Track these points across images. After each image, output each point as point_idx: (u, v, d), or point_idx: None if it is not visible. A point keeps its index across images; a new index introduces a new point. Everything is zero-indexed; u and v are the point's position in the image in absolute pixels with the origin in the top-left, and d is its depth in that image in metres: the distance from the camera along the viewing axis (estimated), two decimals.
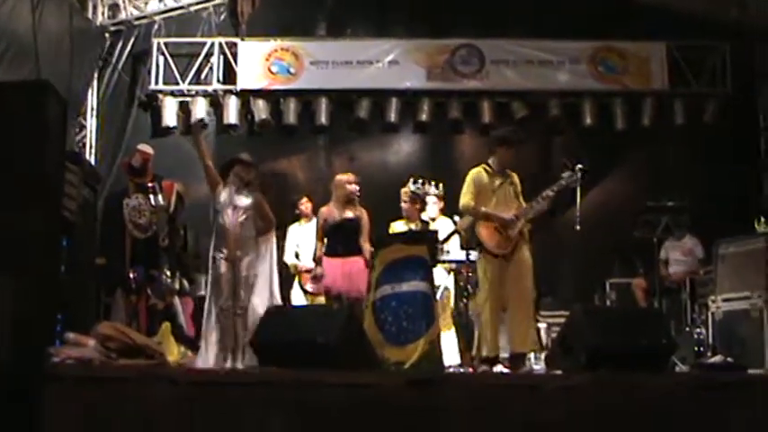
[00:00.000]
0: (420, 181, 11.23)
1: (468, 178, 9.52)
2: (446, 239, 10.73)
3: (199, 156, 10.09)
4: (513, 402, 5.81)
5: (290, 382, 5.81)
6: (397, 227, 11.04)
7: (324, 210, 10.57)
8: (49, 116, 6.87)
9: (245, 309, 9.27)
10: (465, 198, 9.47)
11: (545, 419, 5.72)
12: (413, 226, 10.91)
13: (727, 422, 5.77)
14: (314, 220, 11.67)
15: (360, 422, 5.70)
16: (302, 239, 12.35)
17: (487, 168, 9.53)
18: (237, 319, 9.22)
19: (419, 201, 11.14)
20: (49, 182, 6.97)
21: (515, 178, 9.64)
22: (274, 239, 10.16)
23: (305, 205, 12.54)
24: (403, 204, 11.13)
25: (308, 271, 11.83)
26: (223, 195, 9.67)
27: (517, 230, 9.33)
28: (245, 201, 9.64)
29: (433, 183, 11.48)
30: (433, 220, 11.33)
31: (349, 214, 10.35)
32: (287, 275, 12.10)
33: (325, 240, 10.51)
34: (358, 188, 10.47)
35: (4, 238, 6.31)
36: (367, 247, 10.14)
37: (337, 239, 10.37)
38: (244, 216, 9.62)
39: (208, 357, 9.23)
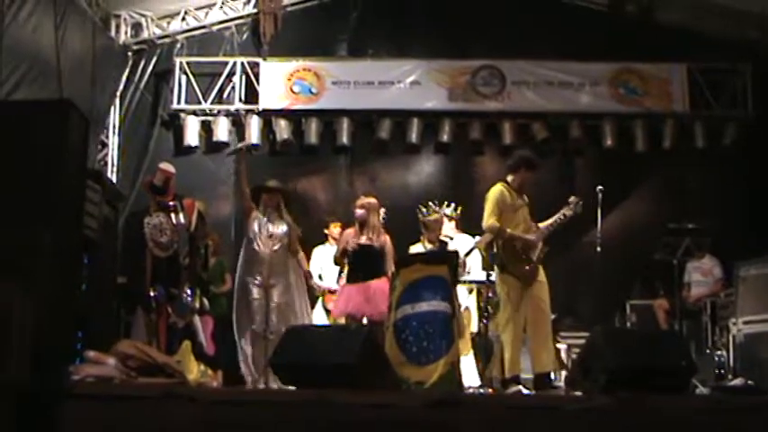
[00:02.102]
0: (428, 208, 11.20)
1: (492, 197, 9.50)
2: (468, 254, 10.73)
3: (238, 181, 10.23)
4: (533, 424, 5.79)
5: (307, 402, 5.81)
6: (416, 249, 11.02)
7: (348, 232, 10.57)
8: (70, 135, 6.90)
9: (276, 334, 9.34)
10: (491, 219, 9.43)
11: None
12: (431, 247, 10.90)
13: None
14: None
15: None
16: (327, 262, 12.35)
17: (508, 188, 9.54)
18: (269, 343, 9.30)
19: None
20: (70, 200, 7.00)
21: (526, 200, 9.71)
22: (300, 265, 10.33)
23: (337, 228, 12.50)
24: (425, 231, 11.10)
25: (332, 291, 11.83)
26: (256, 223, 9.82)
27: (538, 252, 9.37)
28: (279, 229, 9.79)
29: (451, 204, 11.48)
30: (452, 239, 11.30)
31: (368, 240, 10.31)
32: (310, 297, 12.13)
33: (347, 266, 10.54)
34: (359, 214, 10.41)
35: (25, 255, 6.33)
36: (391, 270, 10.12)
37: (358, 266, 10.35)
38: (279, 244, 9.78)
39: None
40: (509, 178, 9.61)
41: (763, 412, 5.90)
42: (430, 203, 11.28)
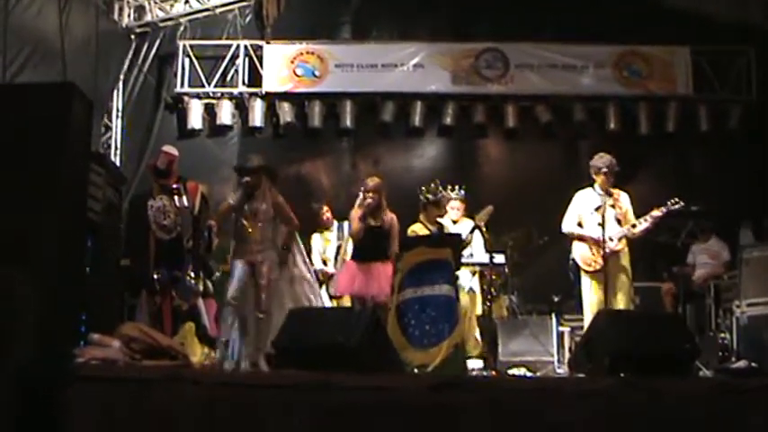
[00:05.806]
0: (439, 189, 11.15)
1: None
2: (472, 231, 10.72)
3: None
4: (536, 406, 5.80)
5: (311, 384, 5.81)
6: (419, 230, 10.96)
7: (355, 212, 10.44)
8: (73, 118, 6.91)
9: (265, 313, 9.27)
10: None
11: (567, 423, 5.70)
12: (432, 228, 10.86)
13: (751, 428, 5.74)
14: (335, 227, 11.79)
15: (381, 425, 5.70)
16: (325, 246, 12.34)
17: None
18: (260, 323, 9.24)
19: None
20: (73, 183, 7.00)
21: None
22: (298, 242, 10.17)
23: (326, 215, 12.49)
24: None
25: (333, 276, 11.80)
26: (240, 202, 9.72)
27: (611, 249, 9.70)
28: (262, 206, 9.62)
29: (456, 186, 11.42)
30: (455, 222, 11.24)
31: (378, 222, 10.20)
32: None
33: (352, 245, 10.49)
34: (372, 199, 10.26)
35: (29, 238, 6.34)
36: (395, 251, 10.04)
37: (364, 246, 10.27)
38: (263, 221, 9.60)
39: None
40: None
41: (766, 394, 5.90)
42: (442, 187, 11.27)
